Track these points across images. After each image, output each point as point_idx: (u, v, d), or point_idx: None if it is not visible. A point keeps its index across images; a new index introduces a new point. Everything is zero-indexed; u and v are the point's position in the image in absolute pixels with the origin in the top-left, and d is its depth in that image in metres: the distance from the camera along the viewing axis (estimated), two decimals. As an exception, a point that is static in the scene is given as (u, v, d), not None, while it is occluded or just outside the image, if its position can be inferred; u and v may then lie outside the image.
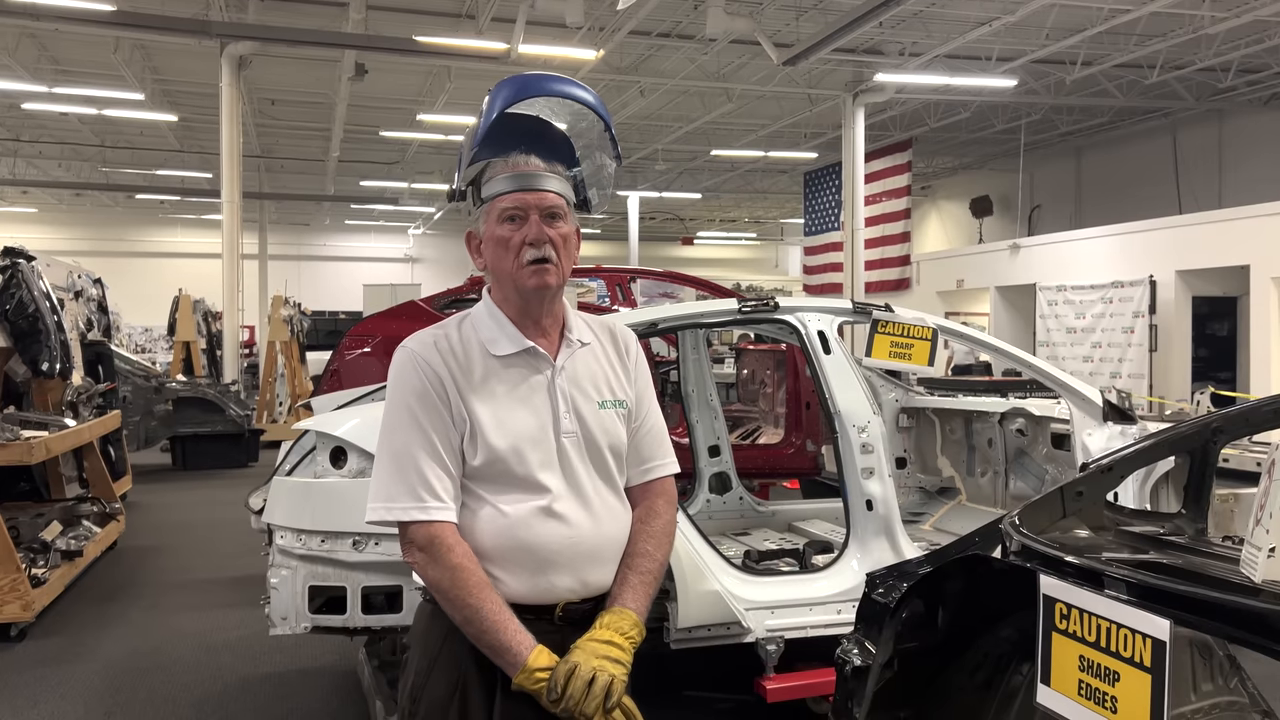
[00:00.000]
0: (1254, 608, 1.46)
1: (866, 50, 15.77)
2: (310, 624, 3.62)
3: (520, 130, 2.03)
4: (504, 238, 1.91)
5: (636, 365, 2.07)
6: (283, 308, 14.96)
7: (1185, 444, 2.58)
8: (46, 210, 29.85)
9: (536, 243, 1.89)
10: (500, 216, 1.92)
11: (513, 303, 1.95)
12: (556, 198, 1.93)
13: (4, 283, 6.80)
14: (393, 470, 1.86)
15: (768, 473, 6.80)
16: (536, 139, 2.02)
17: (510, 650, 1.77)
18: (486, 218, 1.94)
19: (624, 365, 2.05)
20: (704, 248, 37.09)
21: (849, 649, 2.22)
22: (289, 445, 4.02)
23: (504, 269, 1.92)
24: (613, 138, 2.15)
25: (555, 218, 1.92)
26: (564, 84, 2.12)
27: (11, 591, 5.42)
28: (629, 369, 2.06)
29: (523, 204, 1.91)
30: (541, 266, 1.90)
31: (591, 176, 2.15)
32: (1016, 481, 5.24)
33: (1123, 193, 20.78)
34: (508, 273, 1.92)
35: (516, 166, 1.94)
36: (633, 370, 2.06)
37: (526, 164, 1.94)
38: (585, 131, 2.15)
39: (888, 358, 4.33)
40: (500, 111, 2.03)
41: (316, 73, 16.70)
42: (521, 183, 1.92)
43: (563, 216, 1.94)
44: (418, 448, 1.85)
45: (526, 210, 1.91)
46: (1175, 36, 14.53)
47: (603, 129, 2.14)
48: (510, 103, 2.05)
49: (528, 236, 1.90)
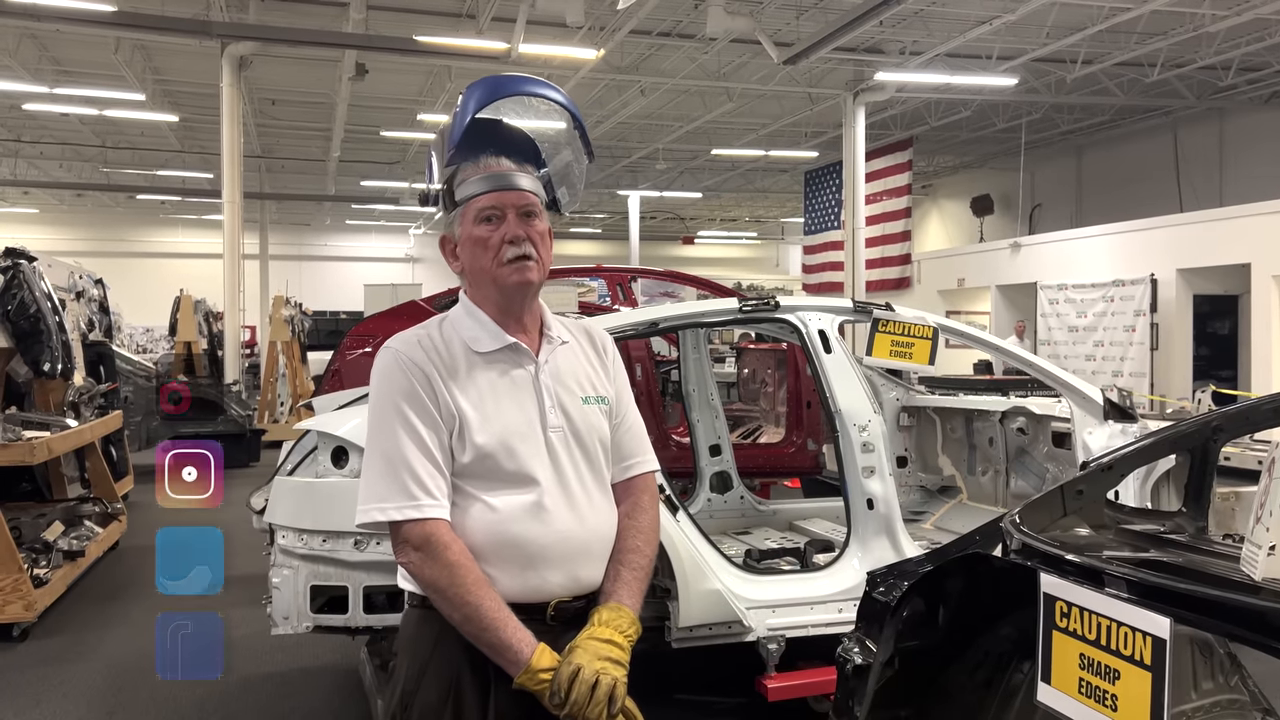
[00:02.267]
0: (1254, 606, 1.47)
1: (867, 49, 15.77)
2: (312, 623, 3.63)
3: (486, 133, 2.05)
4: (482, 237, 1.92)
5: (614, 363, 2.10)
6: (284, 308, 14.95)
7: (1185, 442, 2.58)
8: (48, 211, 29.86)
9: (516, 240, 1.91)
10: (478, 217, 1.93)
11: (493, 301, 1.96)
12: (532, 196, 1.96)
13: (6, 283, 6.81)
14: (383, 470, 1.85)
15: (769, 472, 6.80)
16: (503, 141, 2.03)
17: (511, 649, 1.77)
18: (462, 220, 1.95)
19: (603, 363, 2.07)
20: (705, 247, 37.07)
21: (850, 648, 2.22)
22: (290, 445, 4.03)
23: (483, 268, 1.93)
24: (584, 135, 2.16)
25: (531, 215, 1.94)
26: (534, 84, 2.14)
27: (14, 591, 5.42)
28: (608, 367, 2.08)
29: (500, 203, 1.92)
30: (523, 263, 1.91)
31: (559, 175, 2.16)
32: (1017, 480, 5.24)
33: (1123, 191, 20.76)
34: (487, 271, 1.93)
35: (489, 168, 1.95)
36: (611, 368, 2.08)
37: (498, 165, 1.96)
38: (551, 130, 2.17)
39: (888, 357, 4.34)
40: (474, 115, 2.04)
41: (317, 73, 16.71)
42: (497, 182, 1.93)
43: (538, 214, 1.96)
44: (408, 446, 1.84)
45: (504, 209, 1.92)
46: (1176, 35, 14.52)
47: (573, 127, 2.15)
48: (483, 105, 2.06)
49: (507, 235, 1.91)
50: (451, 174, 1.99)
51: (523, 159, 2.01)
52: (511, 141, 2.06)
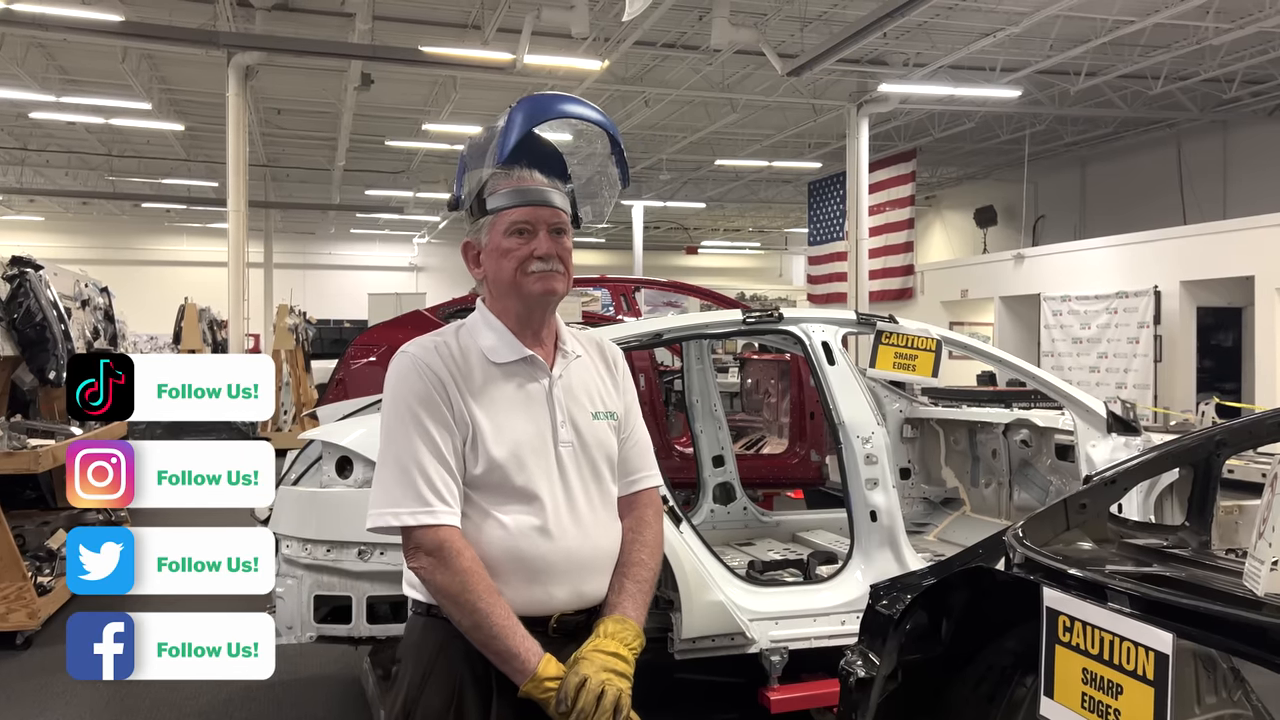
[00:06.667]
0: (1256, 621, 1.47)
1: (871, 61, 15.79)
2: (315, 633, 3.63)
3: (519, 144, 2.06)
4: (510, 249, 1.93)
5: (624, 378, 2.12)
6: (288, 316, 14.99)
7: (1189, 457, 2.58)
8: (53, 219, 29.92)
9: (546, 257, 1.92)
10: (509, 229, 1.93)
11: (513, 313, 1.96)
12: (564, 214, 1.97)
13: (12, 292, 6.82)
14: (397, 474, 1.85)
15: (772, 483, 6.79)
16: (536, 154, 2.04)
17: (519, 657, 1.78)
18: (491, 229, 1.95)
19: (613, 378, 2.09)
20: (708, 257, 37.10)
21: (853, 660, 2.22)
22: (294, 454, 4.04)
23: (508, 279, 1.94)
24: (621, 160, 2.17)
25: (561, 232, 1.96)
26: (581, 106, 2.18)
27: (17, 599, 5.43)
28: (618, 382, 2.09)
29: (533, 219, 1.93)
30: (549, 273, 1.93)
31: (582, 191, 2.18)
32: (1021, 492, 5.23)
33: (1127, 203, 20.76)
34: (512, 282, 1.93)
35: (522, 180, 1.96)
36: (621, 383, 2.10)
37: (531, 179, 1.96)
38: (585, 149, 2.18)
39: (892, 369, 4.34)
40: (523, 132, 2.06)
41: (323, 83, 16.76)
42: (532, 197, 1.94)
43: (567, 232, 1.98)
44: (423, 451, 1.84)
45: (536, 225, 1.93)
46: (1179, 48, 14.53)
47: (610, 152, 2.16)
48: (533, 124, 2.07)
49: (537, 250, 1.92)
50: (482, 183, 1.98)
51: (553, 174, 2.01)
52: (544, 155, 2.07)
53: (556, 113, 2.12)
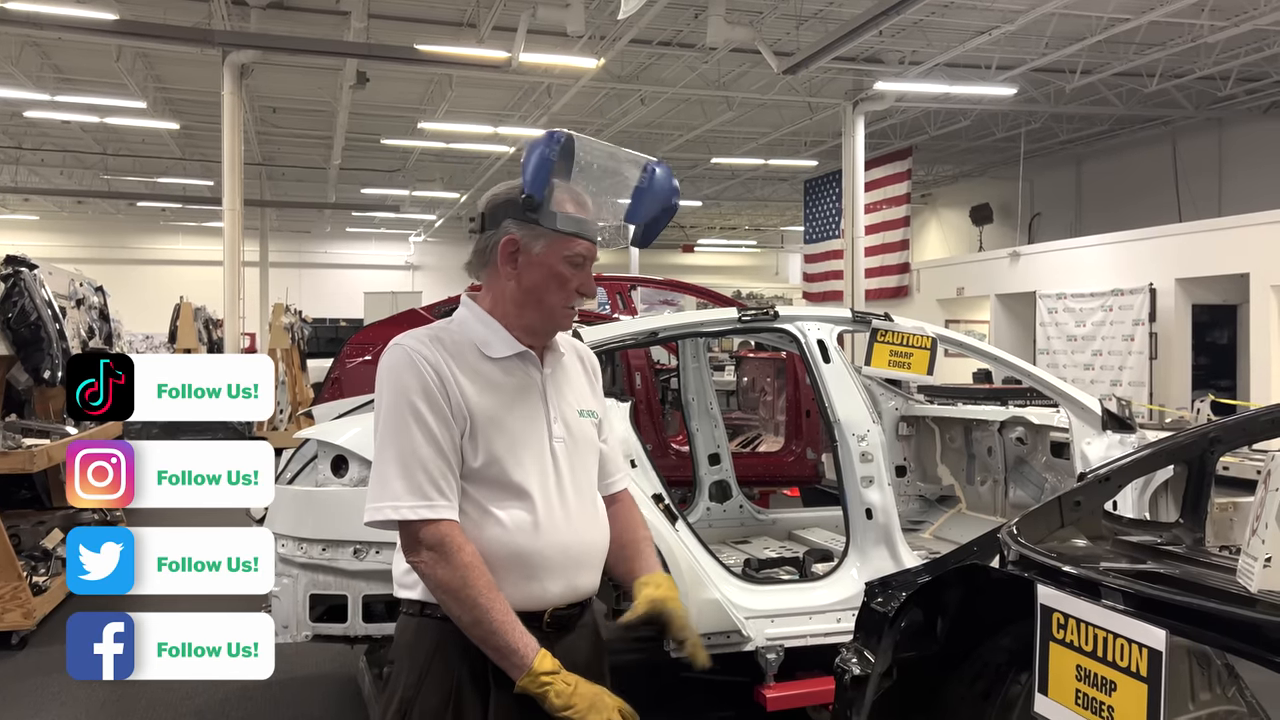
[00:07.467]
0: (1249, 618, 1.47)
1: (866, 59, 15.80)
2: (311, 632, 3.62)
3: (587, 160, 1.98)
4: (567, 279, 1.93)
5: (599, 383, 2.18)
6: (283, 315, 14.96)
7: (1183, 454, 2.59)
8: (48, 218, 29.86)
9: (589, 294, 1.97)
10: (570, 260, 1.92)
11: (524, 324, 1.96)
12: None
13: (6, 291, 6.81)
14: (396, 468, 1.84)
15: (768, 481, 6.79)
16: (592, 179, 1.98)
17: (517, 652, 1.79)
18: (550, 247, 1.91)
19: (590, 382, 2.14)
20: (704, 255, 37.10)
21: (848, 658, 2.23)
22: (290, 453, 4.03)
23: (548, 301, 1.94)
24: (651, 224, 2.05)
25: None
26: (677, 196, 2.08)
27: (13, 599, 5.42)
28: (594, 386, 2.15)
29: (591, 254, 1.96)
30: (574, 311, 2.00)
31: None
32: (1016, 490, 5.24)
33: (1123, 201, 20.79)
34: (549, 306, 1.94)
35: (584, 208, 1.93)
36: (596, 388, 2.15)
37: (589, 210, 1.94)
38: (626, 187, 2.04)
39: (887, 366, 4.35)
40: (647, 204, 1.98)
41: (318, 81, 16.74)
42: (594, 233, 1.95)
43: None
44: (421, 444, 1.83)
45: (588, 260, 1.96)
46: (1174, 45, 14.56)
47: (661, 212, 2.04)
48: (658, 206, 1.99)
49: (584, 288, 1.95)
50: (549, 190, 1.90)
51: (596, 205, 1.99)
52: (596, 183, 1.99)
53: (672, 205, 2.04)
